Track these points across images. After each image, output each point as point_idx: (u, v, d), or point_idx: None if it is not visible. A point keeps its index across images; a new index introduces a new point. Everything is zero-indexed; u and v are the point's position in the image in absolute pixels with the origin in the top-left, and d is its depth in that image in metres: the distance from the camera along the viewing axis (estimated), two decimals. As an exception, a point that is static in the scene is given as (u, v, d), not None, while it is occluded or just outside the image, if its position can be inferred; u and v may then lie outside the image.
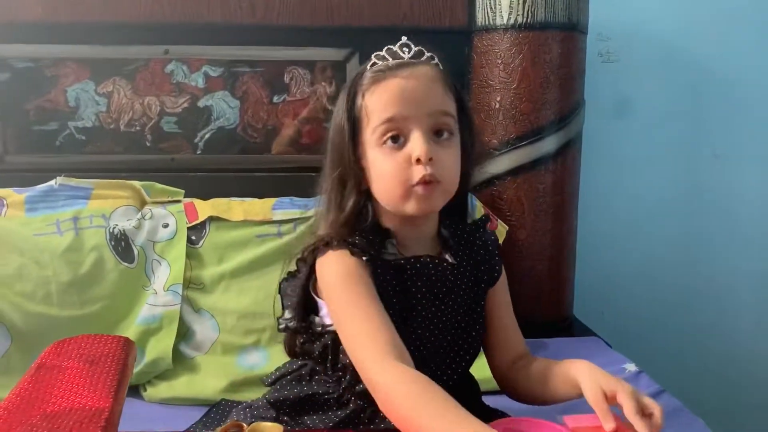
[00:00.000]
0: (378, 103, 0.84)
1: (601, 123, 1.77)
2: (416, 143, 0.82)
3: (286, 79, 1.57)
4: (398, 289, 0.89)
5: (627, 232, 1.87)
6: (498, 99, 1.53)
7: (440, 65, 0.89)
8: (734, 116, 1.86)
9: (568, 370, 0.87)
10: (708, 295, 1.92)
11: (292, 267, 0.96)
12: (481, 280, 0.96)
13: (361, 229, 0.89)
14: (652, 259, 1.89)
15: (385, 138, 0.84)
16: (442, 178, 0.84)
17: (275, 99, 1.57)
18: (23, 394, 0.67)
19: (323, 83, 1.57)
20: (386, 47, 0.88)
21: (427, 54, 0.88)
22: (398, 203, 0.86)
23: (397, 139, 0.84)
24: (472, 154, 0.93)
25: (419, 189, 0.83)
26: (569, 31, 1.52)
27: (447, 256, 0.92)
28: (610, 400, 0.80)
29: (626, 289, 1.89)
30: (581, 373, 0.84)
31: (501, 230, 1.51)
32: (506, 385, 1.00)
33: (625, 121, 1.82)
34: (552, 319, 1.62)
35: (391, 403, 0.74)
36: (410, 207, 0.85)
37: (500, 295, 1.00)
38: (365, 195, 0.89)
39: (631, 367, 1.35)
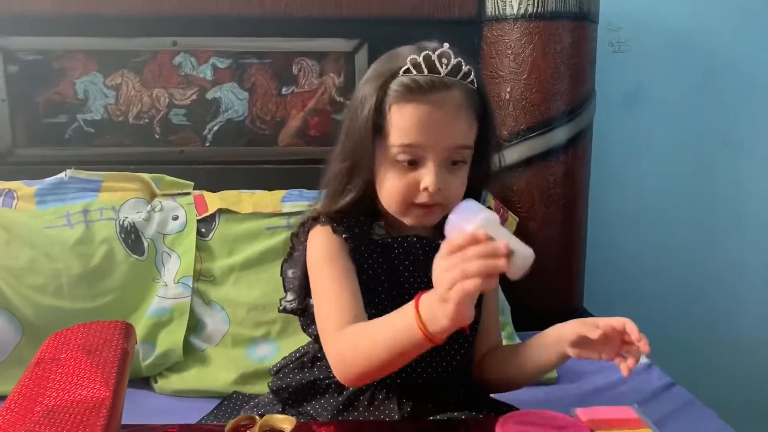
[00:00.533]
0: (401, 124, 0.83)
1: (611, 113, 1.76)
2: (428, 174, 0.83)
3: (295, 70, 1.56)
4: (386, 268, 0.90)
5: (637, 223, 1.86)
6: (508, 90, 1.52)
7: (475, 82, 0.86)
8: (745, 106, 1.84)
9: (548, 331, 0.90)
10: (719, 286, 1.91)
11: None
12: None
13: (354, 209, 0.90)
14: (663, 250, 1.88)
15: (400, 158, 0.84)
16: (445, 202, 0.86)
17: (284, 90, 1.56)
18: (24, 392, 0.67)
19: (332, 74, 1.57)
20: (424, 53, 0.83)
21: (465, 68, 0.84)
22: (397, 214, 0.88)
23: (412, 161, 0.84)
24: (488, 171, 0.93)
25: (419, 211, 0.86)
26: (580, 20, 1.50)
27: (439, 240, 0.93)
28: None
29: (637, 280, 1.88)
30: (561, 324, 0.89)
31: (511, 222, 1.50)
32: (480, 372, 1.00)
33: (635, 111, 1.81)
34: (562, 310, 1.60)
35: (344, 361, 0.79)
36: (408, 220, 0.88)
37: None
38: (368, 185, 0.90)
39: (642, 360, 1.34)
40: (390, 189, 0.86)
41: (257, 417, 0.79)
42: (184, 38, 1.52)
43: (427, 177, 0.83)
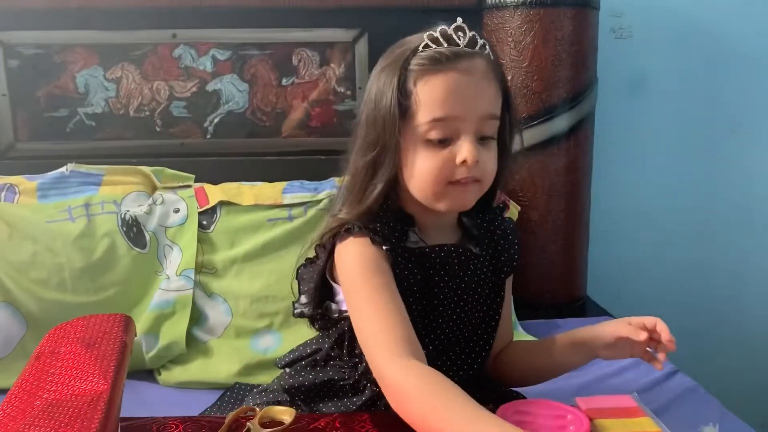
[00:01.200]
0: (431, 97, 0.80)
1: (614, 101, 1.74)
2: (465, 146, 0.80)
3: (295, 61, 1.56)
4: (419, 278, 0.86)
5: (641, 211, 1.85)
6: (509, 78, 1.50)
7: (491, 54, 0.85)
8: (752, 91, 1.82)
9: (579, 332, 0.91)
10: (723, 275, 1.90)
11: (312, 253, 0.93)
12: (501, 270, 0.94)
13: (383, 215, 0.86)
14: (667, 238, 1.87)
15: (432, 135, 0.81)
16: (482, 178, 0.84)
17: (284, 81, 1.56)
18: (24, 386, 0.67)
19: (332, 65, 1.56)
20: (440, 28, 0.82)
21: (480, 41, 0.84)
22: (431, 200, 0.84)
23: (443, 138, 0.81)
24: (510, 148, 0.91)
25: (457, 188, 0.82)
26: (581, 7, 1.49)
27: (471, 246, 0.90)
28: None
29: (640, 268, 1.87)
30: (595, 327, 0.91)
31: (513, 211, 1.50)
32: (496, 368, 1.00)
33: (638, 98, 1.80)
34: (565, 299, 1.61)
35: (404, 401, 0.72)
36: (443, 205, 0.84)
37: (508, 284, 0.99)
38: (392, 181, 0.86)
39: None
40: (423, 170, 0.82)
41: (257, 408, 0.79)
42: (183, 30, 1.52)
43: (464, 149, 0.80)
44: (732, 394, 1.36)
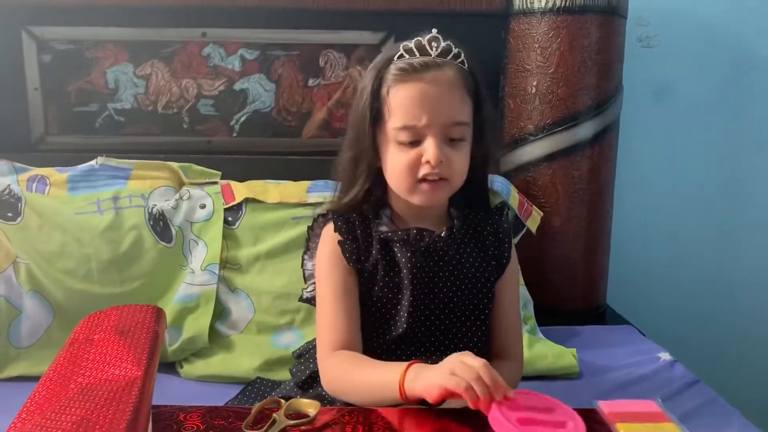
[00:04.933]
0: (400, 106, 0.87)
1: (639, 109, 1.74)
2: (429, 147, 0.87)
3: (321, 62, 1.57)
4: (385, 262, 0.93)
5: (663, 221, 1.85)
6: (534, 83, 1.51)
7: (465, 63, 0.90)
8: (776, 104, 1.81)
9: None
10: (744, 285, 1.89)
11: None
12: (488, 263, 0.97)
13: (366, 206, 0.95)
14: (688, 248, 1.86)
15: (401, 138, 0.88)
16: (449, 177, 0.89)
17: (310, 82, 1.58)
18: (59, 371, 0.68)
19: (358, 67, 1.57)
20: (415, 39, 0.89)
21: (455, 50, 0.89)
22: (405, 194, 0.91)
23: (414, 140, 0.88)
24: (487, 150, 0.96)
25: (425, 186, 0.89)
26: (608, 15, 1.49)
27: (441, 232, 0.94)
28: None
29: (661, 277, 1.86)
30: None
31: (535, 216, 1.50)
32: None
33: (663, 107, 1.79)
34: (585, 307, 1.61)
35: (328, 382, 0.89)
36: (416, 199, 0.90)
37: (504, 288, 0.99)
38: (376, 173, 0.93)
39: (665, 356, 1.34)
40: (394, 167, 0.89)
41: (282, 401, 0.80)
42: (213, 29, 1.54)
43: (428, 150, 0.86)
44: (753, 404, 1.35)
